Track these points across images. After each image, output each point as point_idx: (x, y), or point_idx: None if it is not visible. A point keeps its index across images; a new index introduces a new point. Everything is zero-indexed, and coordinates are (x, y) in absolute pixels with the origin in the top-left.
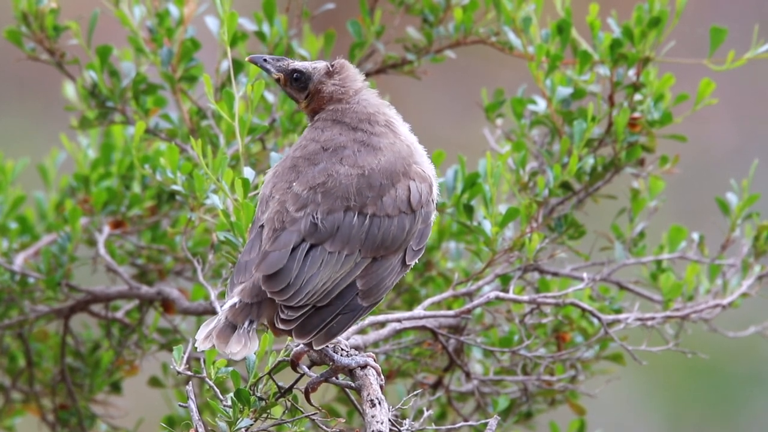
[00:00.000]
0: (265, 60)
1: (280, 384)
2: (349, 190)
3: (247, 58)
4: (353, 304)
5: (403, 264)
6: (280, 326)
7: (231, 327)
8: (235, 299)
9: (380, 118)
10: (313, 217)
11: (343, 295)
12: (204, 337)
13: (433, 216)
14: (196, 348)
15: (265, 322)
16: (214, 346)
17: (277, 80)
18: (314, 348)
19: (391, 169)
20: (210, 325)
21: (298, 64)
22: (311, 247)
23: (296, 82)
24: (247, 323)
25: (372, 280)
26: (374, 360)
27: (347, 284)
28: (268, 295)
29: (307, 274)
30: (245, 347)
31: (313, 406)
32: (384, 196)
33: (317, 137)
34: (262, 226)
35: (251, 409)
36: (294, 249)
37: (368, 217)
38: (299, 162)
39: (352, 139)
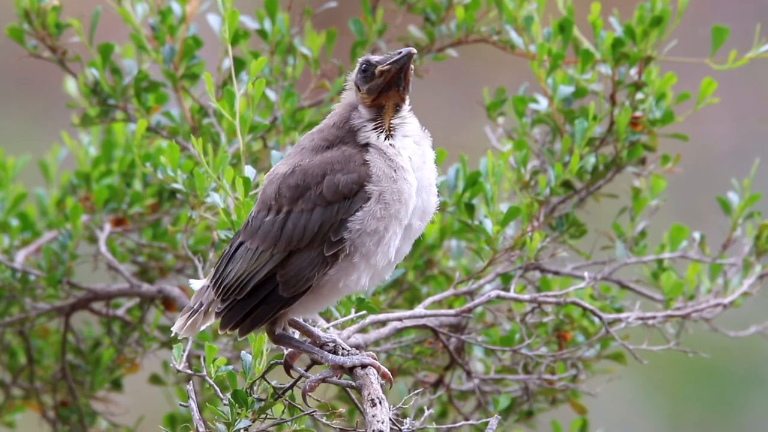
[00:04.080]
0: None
1: (278, 384)
2: (272, 190)
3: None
4: (274, 296)
5: (324, 256)
6: (214, 318)
7: (191, 310)
8: (203, 281)
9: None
10: (250, 215)
11: (261, 287)
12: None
13: (368, 209)
14: (173, 337)
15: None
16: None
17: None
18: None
19: (311, 172)
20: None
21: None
22: (240, 244)
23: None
24: (201, 306)
25: (290, 271)
26: (374, 359)
27: (263, 276)
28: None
29: (228, 270)
30: (185, 326)
31: (316, 400)
32: (300, 197)
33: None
34: None
35: (249, 410)
36: (231, 245)
37: (284, 213)
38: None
39: (310, 134)
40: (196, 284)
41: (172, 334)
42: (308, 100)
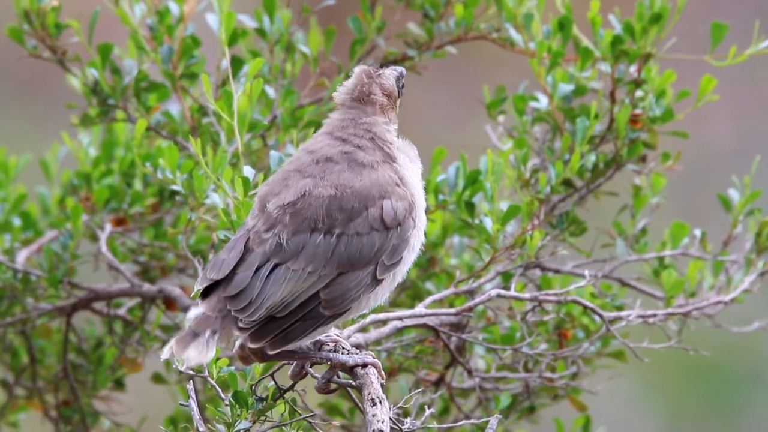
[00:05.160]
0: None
1: (280, 385)
2: (319, 212)
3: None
4: (315, 313)
5: (374, 278)
6: (237, 333)
7: (192, 335)
8: (200, 310)
9: (376, 136)
10: (279, 237)
11: (303, 305)
12: (168, 347)
13: (414, 231)
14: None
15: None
16: (173, 353)
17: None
18: (269, 352)
19: (365, 194)
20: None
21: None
22: (275, 266)
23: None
24: (208, 333)
25: (336, 291)
26: (373, 358)
27: (309, 296)
28: (232, 313)
29: (269, 292)
30: (201, 353)
31: (330, 391)
32: (355, 219)
33: (312, 148)
34: (248, 231)
35: (249, 411)
36: (258, 269)
37: (335, 236)
38: (290, 175)
39: (340, 151)
40: (194, 313)
41: (188, 366)
42: (307, 98)
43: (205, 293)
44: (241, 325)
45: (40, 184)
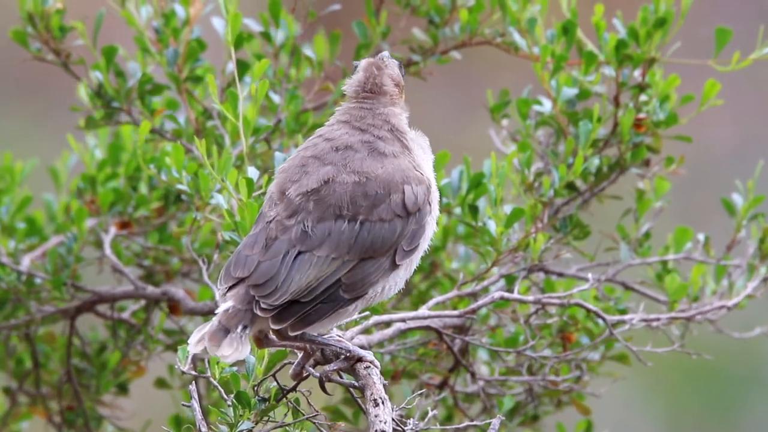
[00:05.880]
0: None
1: (283, 385)
2: (343, 199)
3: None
4: (335, 295)
5: (393, 264)
6: (259, 313)
7: (224, 330)
8: (229, 303)
9: (394, 127)
10: (304, 225)
11: (326, 290)
12: (197, 340)
13: (430, 217)
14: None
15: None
16: (205, 348)
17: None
18: (290, 333)
19: (389, 180)
20: (203, 329)
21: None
22: (300, 252)
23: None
24: (240, 328)
25: (357, 275)
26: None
27: (332, 281)
28: (256, 298)
29: (294, 278)
30: (237, 351)
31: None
32: (379, 205)
33: (330, 136)
34: (269, 222)
35: (252, 412)
36: (284, 256)
37: (359, 223)
38: (308, 161)
39: (360, 140)
40: (223, 306)
41: (225, 359)
42: (312, 102)
43: (230, 286)
44: (263, 307)
45: (45, 188)
